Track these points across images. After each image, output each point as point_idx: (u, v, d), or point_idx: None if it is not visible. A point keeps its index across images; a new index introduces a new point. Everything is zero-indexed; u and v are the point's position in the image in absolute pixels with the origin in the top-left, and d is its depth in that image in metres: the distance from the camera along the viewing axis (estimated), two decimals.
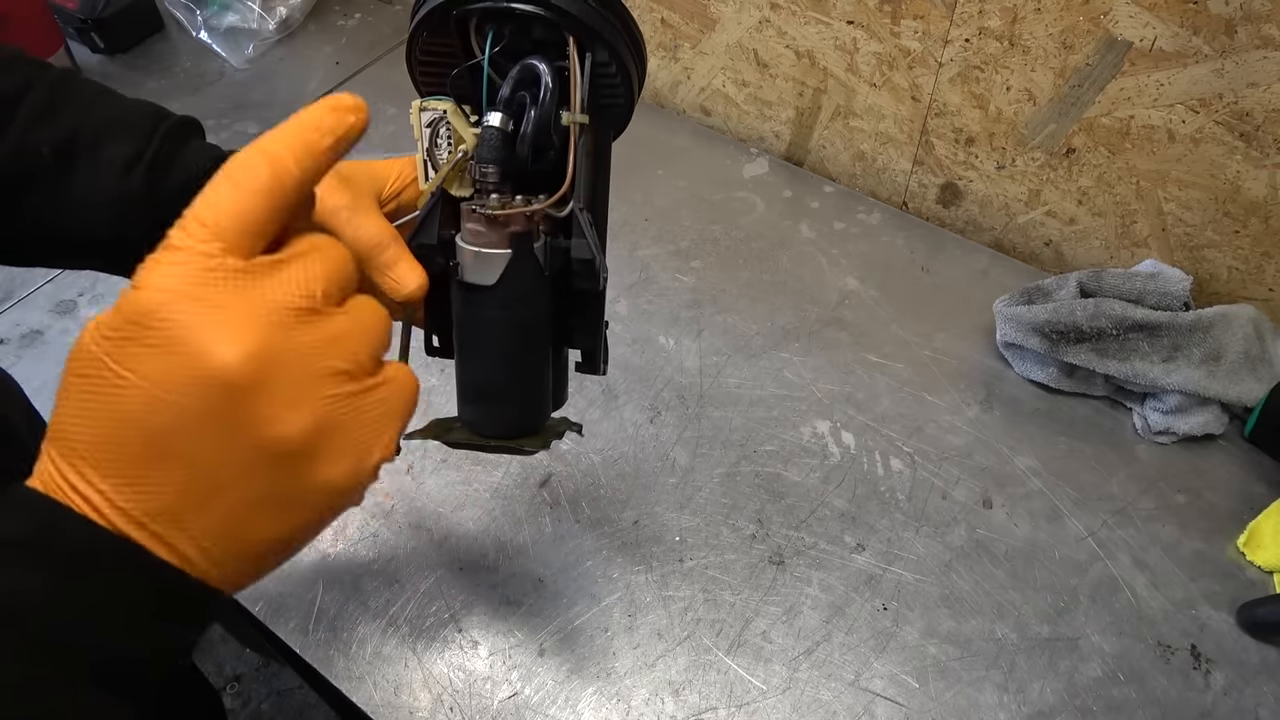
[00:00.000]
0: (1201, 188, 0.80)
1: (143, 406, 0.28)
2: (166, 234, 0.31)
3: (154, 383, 0.28)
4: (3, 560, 0.28)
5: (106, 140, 0.48)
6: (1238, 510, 0.73)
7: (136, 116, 0.49)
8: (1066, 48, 0.79)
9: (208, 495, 0.29)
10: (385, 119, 1.07)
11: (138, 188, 0.47)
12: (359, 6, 1.25)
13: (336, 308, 0.32)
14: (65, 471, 0.29)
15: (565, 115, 0.43)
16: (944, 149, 0.94)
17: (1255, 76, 0.71)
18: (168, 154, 0.48)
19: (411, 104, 0.46)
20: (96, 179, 0.47)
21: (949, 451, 0.77)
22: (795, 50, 0.96)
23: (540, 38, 0.44)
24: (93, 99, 0.50)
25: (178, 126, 0.50)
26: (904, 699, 0.64)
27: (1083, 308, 0.78)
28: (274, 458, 0.29)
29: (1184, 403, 0.76)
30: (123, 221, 0.48)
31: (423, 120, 0.45)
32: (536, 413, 0.48)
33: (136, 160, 0.47)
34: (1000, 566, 0.70)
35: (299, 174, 0.31)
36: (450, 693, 0.64)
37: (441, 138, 0.45)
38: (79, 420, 0.29)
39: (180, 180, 0.48)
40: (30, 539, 0.29)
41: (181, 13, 1.17)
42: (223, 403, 0.28)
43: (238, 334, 0.28)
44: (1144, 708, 0.63)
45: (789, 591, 0.69)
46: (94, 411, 0.29)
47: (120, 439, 0.28)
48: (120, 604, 0.29)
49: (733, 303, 0.89)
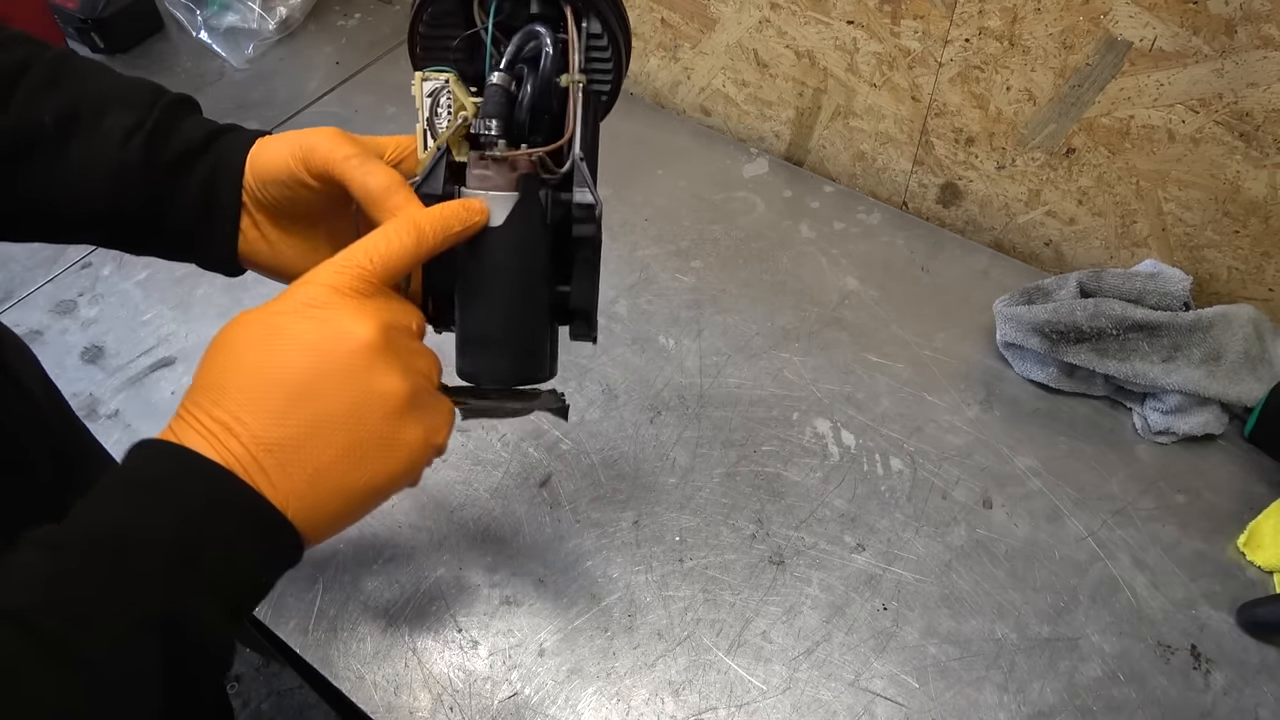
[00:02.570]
0: (1201, 188, 0.80)
1: (298, 360, 0.38)
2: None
3: (309, 345, 0.38)
4: (138, 499, 0.36)
5: (107, 111, 0.48)
6: (1238, 510, 0.73)
7: (136, 91, 0.50)
8: (1066, 48, 0.79)
9: (328, 431, 0.38)
10: (385, 118, 1.07)
11: (136, 158, 0.48)
12: (359, 6, 1.25)
13: (419, 341, 0.43)
14: (214, 412, 0.37)
15: (564, 78, 0.46)
16: (944, 149, 0.94)
17: (1255, 76, 0.71)
18: (166, 126, 0.49)
19: (414, 75, 0.48)
20: (96, 148, 0.48)
21: (949, 451, 0.77)
22: (795, 50, 0.96)
23: (536, 12, 0.47)
24: (93, 74, 0.50)
25: (176, 102, 0.51)
26: (904, 699, 0.64)
27: (1083, 308, 0.78)
28: (380, 405, 0.39)
29: (1184, 403, 0.76)
30: (120, 192, 0.48)
31: (424, 89, 0.47)
32: (537, 364, 0.49)
33: (136, 130, 0.48)
34: (1000, 566, 0.70)
35: (433, 244, 0.42)
36: (450, 693, 0.64)
37: (442, 106, 0.47)
38: (236, 372, 0.38)
39: (178, 151, 0.49)
40: (163, 480, 0.36)
41: (181, 13, 1.17)
42: (353, 360, 0.38)
43: (370, 322, 0.39)
44: (1144, 708, 0.63)
45: (789, 591, 0.69)
46: (253, 364, 0.38)
47: (274, 381, 0.38)
48: (234, 536, 0.36)
49: (733, 303, 0.89)
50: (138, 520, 0.35)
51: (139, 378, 0.83)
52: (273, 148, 0.48)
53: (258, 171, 0.48)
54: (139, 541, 0.34)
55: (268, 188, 0.48)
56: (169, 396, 0.81)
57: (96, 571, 0.33)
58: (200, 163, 0.49)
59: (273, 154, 0.48)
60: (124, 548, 0.34)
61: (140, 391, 0.82)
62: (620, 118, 1.19)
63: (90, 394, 0.81)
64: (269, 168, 0.48)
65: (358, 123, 1.07)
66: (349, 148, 0.46)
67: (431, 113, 0.47)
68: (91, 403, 0.81)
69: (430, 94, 0.47)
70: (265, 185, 0.48)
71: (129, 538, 0.34)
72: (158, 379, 0.83)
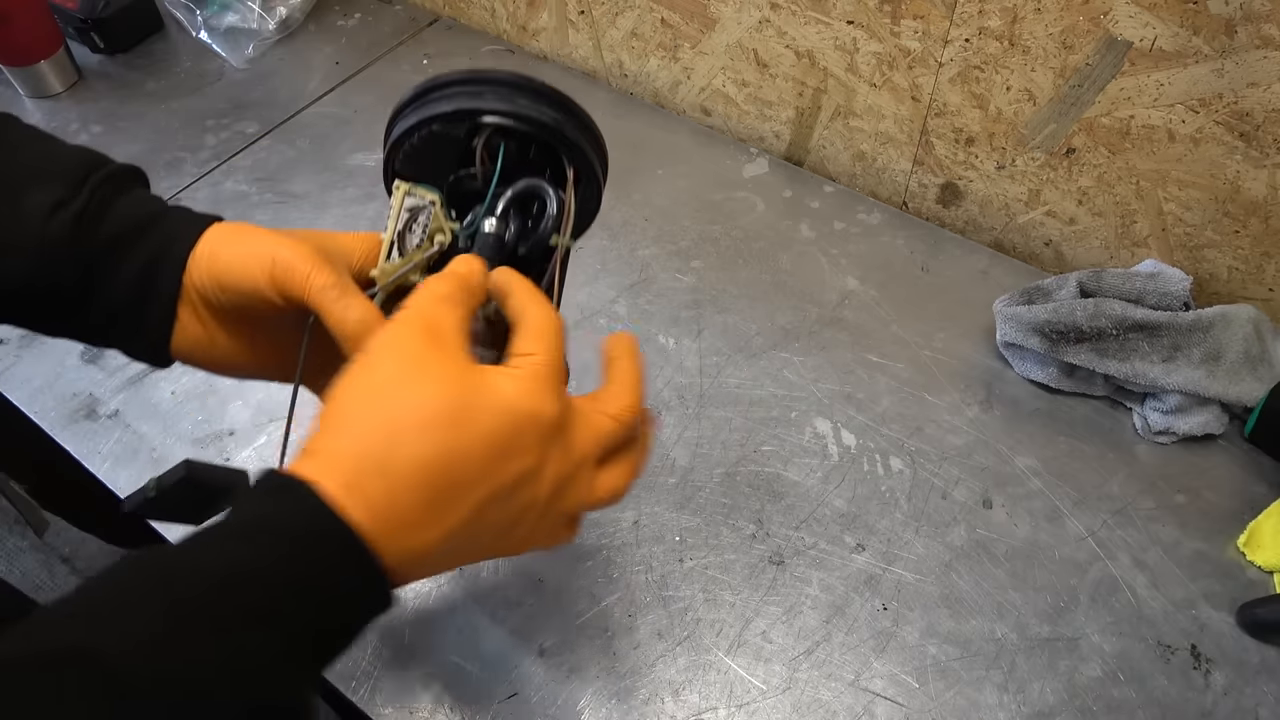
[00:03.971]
0: (1201, 188, 0.80)
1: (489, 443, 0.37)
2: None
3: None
4: (251, 536, 0.34)
5: (30, 184, 0.44)
6: (1238, 510, 0.73)
7: (70, 163, 0.46)
8: (1066, 48, 0.79)
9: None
10: (384, 119, 1.07)
11: (61, 235, 0.44)
12: (359, 6, 1.25)
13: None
14: (375, 499, 0.35)
15: (555, 238, 0.47)
16: (944, 149, 0.94)
17: (1255, 76, 0.71)
18: (99, 203, 0.45)
19: (397, 183, 0.47)
20: (16, 225, 0.44)
21: (949, 451, 0.77)
22: (795, 50, 0.96)
23: (533, 157, 0.48)
24: (25, 142, 0.47)
25: (115, 175, 0.47)
26: (904, 699, 0.64)
27: (1083, 308, 0.78)
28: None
29: (1184, 403, 0.76)
30: (41, 274, 0.44)
31: (405, 203, 0.47)
32: None
33: (61, 206, 0.44)
34: (1000, 566, 0.70)
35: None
36: (450, 693, 0.63)
37: (418, 224, 0.47)
38: (376, 442, 0.36)
39: (111, 232, 0.45)
40: (269, 520, 0.34)
41: (181, 13, 1.17)
42: (547, 431, 0.38)
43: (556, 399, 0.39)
44: (1144, 708, 0.63)
45: (789, 591, 0.69)
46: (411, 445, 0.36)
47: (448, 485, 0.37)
48: (337, 582, 0.34)
49: (733, 303, 0.89)
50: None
51: (139, 378, 0.83)
52: (236, 254, 0.45)
53: (216, 275, 0.45)
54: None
55: (223, 294, 0.45)
56: (169, 397, 0.81)
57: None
58: (138, 246, 0.45)
59: (236, 262, 0.44)
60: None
61: (140, 391, 0.82)
62: (620, 118, 1.19)
63: (90, 394, 0.81)
64: (229, 276, 0.44)
65: (357, 123, 1.07)
66: (327, 275, 0.43)
67: (405, 227, 0.47)
68: (91, 403, 0.81)
69: (410, 209, 0.47)
70: (221, 291, 0.45)
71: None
72: (157, 379, 0.83)
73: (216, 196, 0.99)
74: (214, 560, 0.33)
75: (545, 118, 0.47)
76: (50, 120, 1.08)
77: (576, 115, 0.48)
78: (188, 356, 0.48)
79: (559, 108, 0.47)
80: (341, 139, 1.05)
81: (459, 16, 1.23)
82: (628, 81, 1.13)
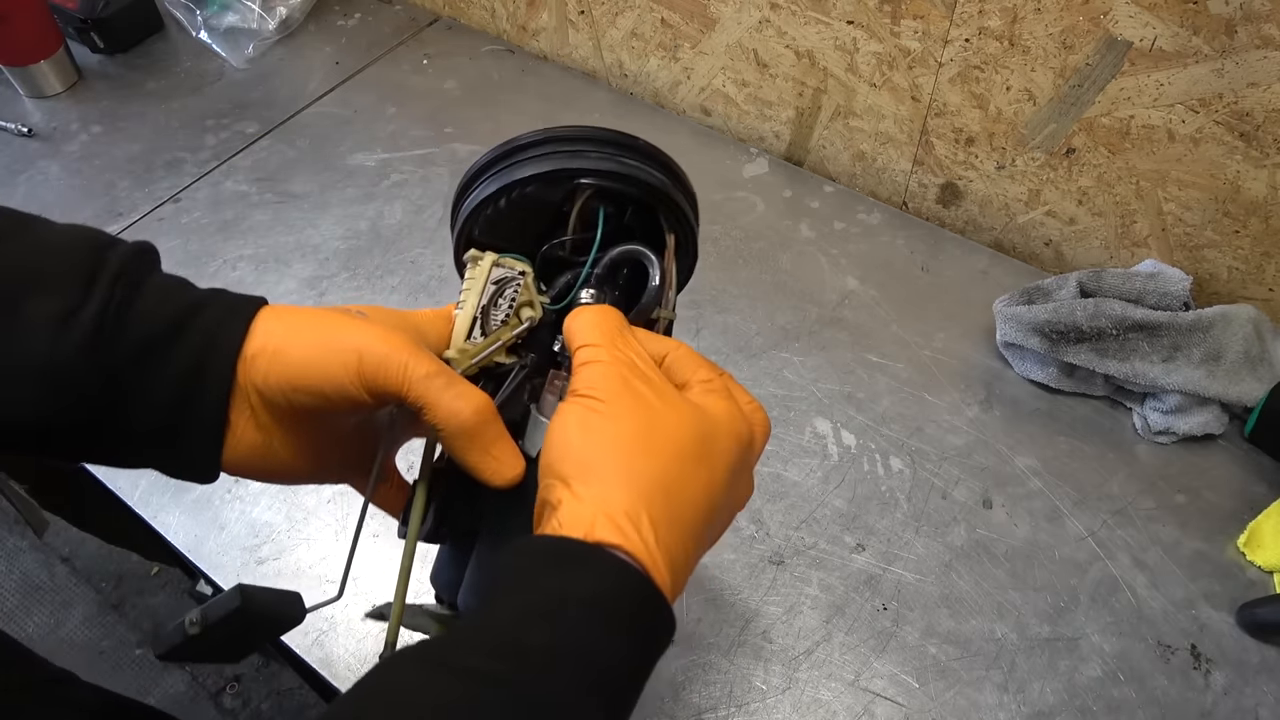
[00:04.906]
0: (1201, 188, 0.80)
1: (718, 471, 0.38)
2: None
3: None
4: (587, 618, 0.33)
5: (28, 290, 0.36)
6: (1238, 510, 0.73)
7: (71, 256, 0.37)
8: (1066, 48, 0.79)
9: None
10: (385, 119, 1.07)
11: (72, 352, 0.35)
12: (359, 6, 1.25)
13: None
14: (642, 527, 0.35)
15: (657, 310, 0.44)
16: (944, 149, 0.94)
17: (1255, 76, 0.71)
18: (120, 305, 0.37)
19: (474, 253, 0.43)
20: (16, 345, 0.35)
21: (949, 451, 0.77)
22: (795, 50, 0.96)
23: (627, 221, 0.45)
24: (13, 232, 0.38)
25: (129, 264, 0.38)
26: (904, 699, 0.64)
27: (1083, 308, 0.78)
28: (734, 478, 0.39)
29: (1184, 403, 0.76)
30: (54, 397, 0.36)
31: (492, 275, 0.42)
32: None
33: (70, 317, 0.36)
34: (1000, 566, 0.70)
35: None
36: None
37: (505, 299, 0.42)
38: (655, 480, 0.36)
39: (137, 339, 0.37)
40: (606, 596, 0.33)
41: (181, 13, 1.17)
42: (748, 442, 0.40)
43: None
44: (1144, 708, 0.63)
45: (789, 591, 0.69)
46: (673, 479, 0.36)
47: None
48: (656, 653, 0.35)
49: (733, 303, 0.89)
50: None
51: None
52: (309, 349, 0.38)
53: (288, 376, 0.38)
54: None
55: (295, 395, 0.38)
56: None
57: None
58: (173, 351, 0.37)
59: (314, 359, 0.38)
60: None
61: None
62: (620, 118, 1.19)
63: None
64: (306, 377, 0.38)
65: (357, 123, 1.07)
66: (430, 364, 0.38)
67: (490, 301, 0.42)
68: None
69: (497, 281, 0.42)
70: (293, 392, 0.38)
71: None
72: None
73: (216, 196, 0.99)
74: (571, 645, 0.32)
75: (654, 180, 0.42)
76: (50, 120, 1.08)
77: (679, 177, 0.44)
78: (239, 467, 0.41)
79: (664, 169, 0.43)
80: (341, 139, 1.05)
81: (459, 16, 1.23)
82: (628, 81, 1.13)
